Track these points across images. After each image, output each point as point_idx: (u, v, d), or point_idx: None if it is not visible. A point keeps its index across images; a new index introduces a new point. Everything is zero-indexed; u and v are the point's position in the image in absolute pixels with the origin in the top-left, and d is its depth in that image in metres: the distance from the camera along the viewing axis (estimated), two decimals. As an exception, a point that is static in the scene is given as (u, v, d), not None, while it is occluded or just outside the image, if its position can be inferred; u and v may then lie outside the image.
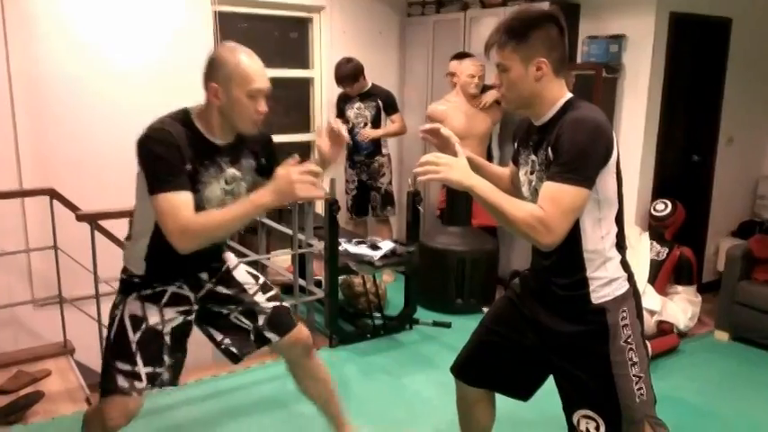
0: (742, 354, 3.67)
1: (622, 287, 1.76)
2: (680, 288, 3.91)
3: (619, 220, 1.76)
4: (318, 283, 3.76)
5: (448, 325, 3.90)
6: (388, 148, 4.78)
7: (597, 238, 1.71)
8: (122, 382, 1.92)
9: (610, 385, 1.74)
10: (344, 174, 4.76)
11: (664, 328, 3.65)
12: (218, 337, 2.16)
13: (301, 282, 3.66)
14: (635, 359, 1.75)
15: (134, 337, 1.95)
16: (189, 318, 2.07)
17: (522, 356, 1.95)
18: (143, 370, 1.95)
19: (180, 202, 1.79)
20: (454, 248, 4.13)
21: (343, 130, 2.18)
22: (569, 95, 1.76)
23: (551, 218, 1.60)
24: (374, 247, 3.67)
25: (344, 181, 4.76)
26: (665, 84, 4.05)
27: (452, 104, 4.29)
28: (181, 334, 2.05)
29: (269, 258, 4.14)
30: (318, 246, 3.61)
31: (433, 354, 3.55)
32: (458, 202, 4.30)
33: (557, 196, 1.61)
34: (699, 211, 4.49)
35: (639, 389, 1.75)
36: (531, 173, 1.79)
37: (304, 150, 5.09)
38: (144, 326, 1.96)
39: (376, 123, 4.60)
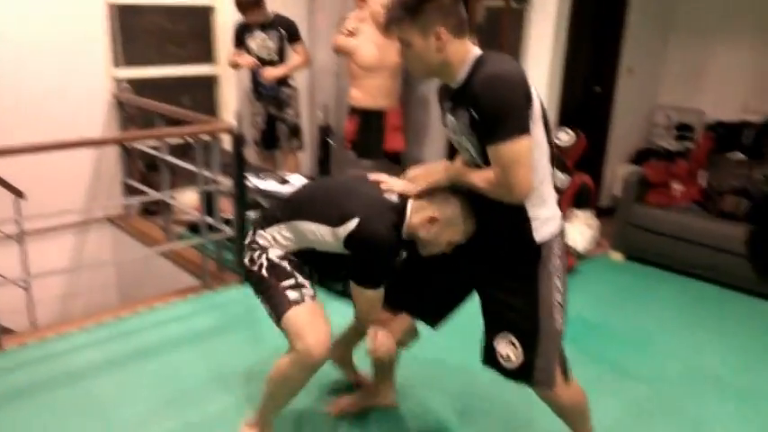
0: (635, 272, 3.92)
1: (557, 224, 1.87)
2: (578, 212, 4.09)
3: (550, 162, 1.82)
4: (228, 221, 3.68)
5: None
6: (296, 80, 4.63)
7: (535, 182, 1.75)
8: (293, 294, 2.01)
9: (534, 309, 1.86)
10: (251, 106, 4.59)
11: (565, 252, 3.83)
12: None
13: (210, 220, 3.56)
14: (560, 287, 1.88)
15: (285, 264, 2.06)
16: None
17: (448, 282, 2.06)
18: (305, 281, 2.05)
19: None
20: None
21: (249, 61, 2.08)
22: (477, 52, 1.78)
23: (504, 178, 1.68)
24: (283, 181, 3.60)
25: (251, 114, 4.59)
26: (571, 15, 4.10)
27: (363, 35, 4.19)
28: None
29: (173, 198, 4.00)
30: (225, 182, 3.50)
31: (346, 286, 3.59)
32: (369, 135, 4.28)
33: (499, 157, 1.68)
34: (598, 139, 4.67)
35: (558, 317, 1.89)
36: (459, 134, 1.82)
37: (205, 85, 4.88)
38: (288, 261, 2.07)
39: (281, 55, 4.43)
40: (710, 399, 2.59)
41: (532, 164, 1.70)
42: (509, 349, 1.90)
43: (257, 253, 2.10)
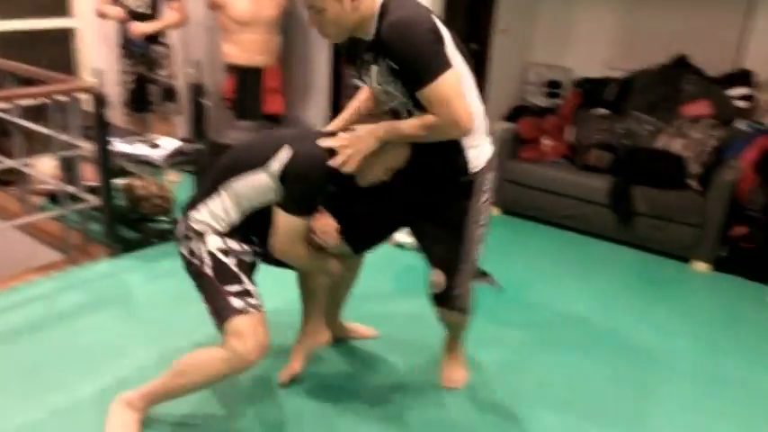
0: (510, 225, 4.10)
1: (489, 151, 2.00)
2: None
3: (472, 90, 1.92)
4: (94, 190, 3.42)
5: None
6: (171, 38, 4.34)
7: None
8: (237, 303, 1.90)
9: (461, 240, 2.01)
10: (118, 63, 4.24)
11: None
12: None
13: (71, 189, 3.30)
14: (484, 222, 2.05)
15: (231, 261, 1.95)
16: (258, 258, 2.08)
17: (382, 213, 2.17)
18: (252, 288, 1.96)
19: None
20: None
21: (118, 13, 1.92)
22: (379, 1, 1.79)
23: (447, 116, 1.72)
24: (154, 145, 3.39)
25: (120, 72, 4.25)
26: (444, -28, 4.12)
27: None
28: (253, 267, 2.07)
29: (28, 165, 3.67)
30: (87, 147, 3.25)
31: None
32: (247, 95, 4.12)
33: (432, 98, 1.72)
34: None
35: (479, 249, 2.08)
36: (385, 83, 1.82)
37: (61, 40, 4.46)
38: (233, 253, 1.97)
39: (154, 9, 4.13)
40: (577, 341, 2.77)
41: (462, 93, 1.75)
42: (434, 278, 2.07)
43: (195, 244, 1.97)
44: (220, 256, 1.96)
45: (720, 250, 3.47)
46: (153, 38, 4.17)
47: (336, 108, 4.43)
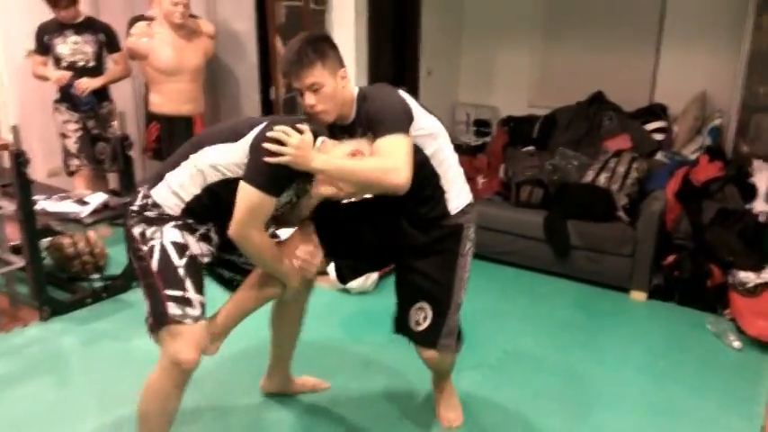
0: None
1: (469, 197, 2.24)
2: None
3: (448, 145, 2.18)
4: (18, 250, 3.23)
5: (178, 276, 3.69)
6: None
7: (440, 164, 2.10)
8: (174, 309, 1.84)
9: (451, 280, 2.17)
10: (61, 115, 4.00)
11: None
12: (227, 274, 2.20)
13: (-9, 251, 3.10)
14: (468, 266, 2.25)
15: (180, 263, 1.89)
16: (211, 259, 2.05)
17: (372, 250, 2.25)
18: (194, 297, 1.88)
19: None
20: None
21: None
22: (356, 88, 2.05)
23: (392, 161, 1.85)
24: (81, 202, 3.24)
25: (62, 122, 4.00)
26: (369, 18, 4.20)
27: (157, 37, 3.91)
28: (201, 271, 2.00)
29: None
30: (8, 206, 3.07)
31: (164, 309, 3.33)
32: (174, 143, 4.00)
33: (388, 144, 1.87)
34: (408, 138, 4.85)
35: (463, 292, 2.24)
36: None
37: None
38: (188, 252, 1.91)
39: (99, 62, 3.99)
40: (528, 378, 2.81)
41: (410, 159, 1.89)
42: (420, 316, 2.19)
43: (150, 227, 1.91)
44: (171, 252, 1.89)
45: (655, 279, 3.62)
46: (100, 92, 4.02)
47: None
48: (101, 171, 4.22)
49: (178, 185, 1.93)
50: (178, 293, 1.86)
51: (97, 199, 3.27)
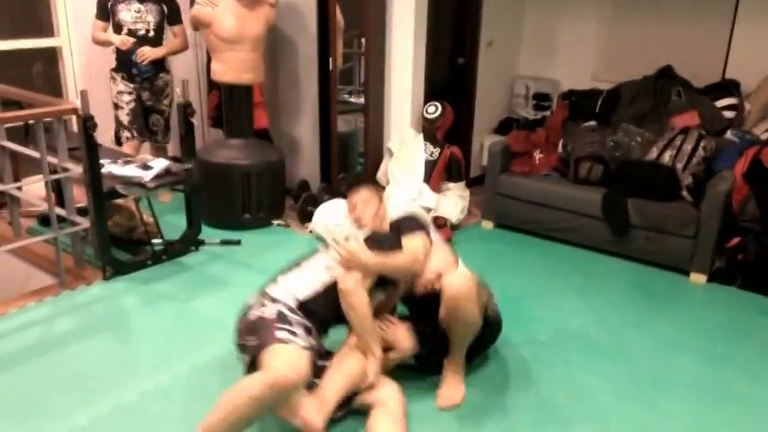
0: (503, 239, 4.10)
1: None
2: (451, 185, 4.20)
3: None
4: (83, 212, 3.37)
5: (237, 242, 3.78)
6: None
7: None
8: (281, 334, 2.13)
9: None
10: (116, 85, 4.08)
11: (439, 223, 3.92)
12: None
13: (60, 211, 3.24)
14: None
15: (290, 315, 2.26)
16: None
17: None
18: (302, 336, 2.17)
19: None
20: (238, 162, 3.95)
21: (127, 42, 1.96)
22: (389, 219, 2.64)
23: (414, 256, 2.39)
24: (145, 167, 3.34)
25: (116, 93, 4.09)
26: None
27: (221, 5, 3.95)
28: None
29: (20, 188, 3.61)
30: (76, 169, 3.19)
31: (222, 273, 3.42)
32: (235, 112, 4.08)
33: (410, 243, 2.41)
34: (465, 111, 4.79)
35: None
36: None
37: (46, 59, 4.39)
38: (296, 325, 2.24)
39: (159, 33, 4.07)
40: (578, 357, 2.77)
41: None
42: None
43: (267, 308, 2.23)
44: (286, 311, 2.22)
45: (718, 261, 3.49)
46: (157, 64, 4.10)
47: (325, 125, 4.42)
48: (153, 142, 4.32)
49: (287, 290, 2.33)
50: (287, 327, 2.13)
51: (160, 164, 3.37)
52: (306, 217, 4.05)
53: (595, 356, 2.77)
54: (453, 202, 4.12)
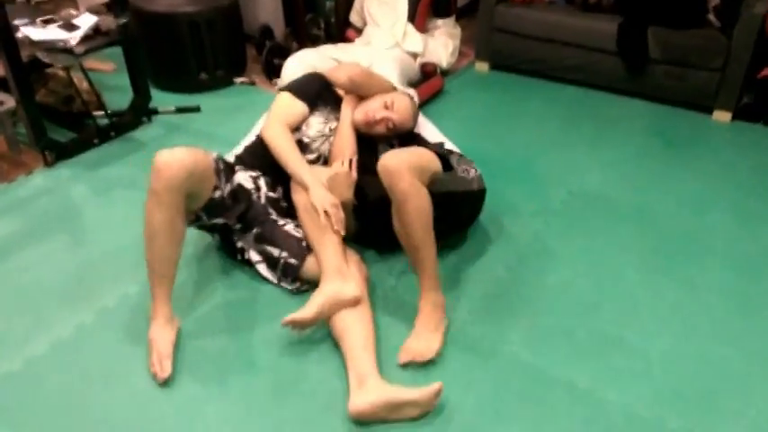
0: (502, 83, 3.60)
1: None
2: (439, 22, 3.60)
3: None
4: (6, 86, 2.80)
5: (196, 108, 3.26)
6: None
7: None
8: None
9: None
10: None
11: (427, 70, 3.40)
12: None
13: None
14: None
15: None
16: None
17: None
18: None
19: None
20: (180, 10, 3.28)
21: None
22: None
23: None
24: (69, 26, 2.73)
25: None
26: None
27: None
28: None
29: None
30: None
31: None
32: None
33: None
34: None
35: None
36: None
37: None
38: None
39: None
40: (599, 224, 2.44)
41: None
42: None
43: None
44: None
45: (746, 97, 3.08)
46: None
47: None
48: None
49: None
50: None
51: (87, 21, 2.75)
52: (273, 71, 3.49)
53: (617, 223, 2.45)
54: (443, 42, 3.56)
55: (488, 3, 3.54)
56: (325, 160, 2.29)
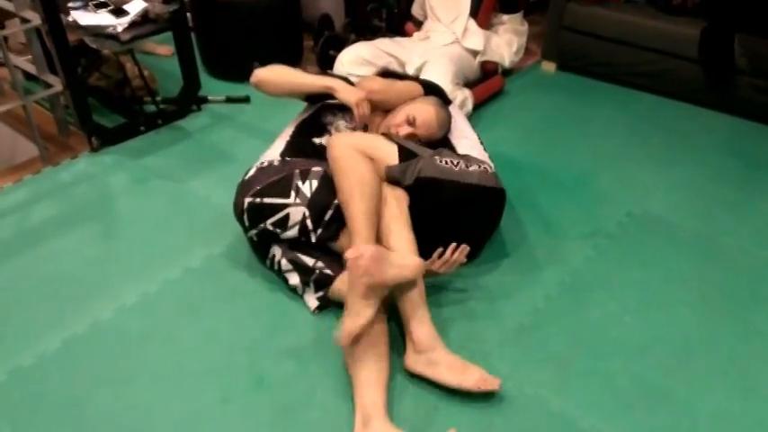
0: (570, 86, 3.35)
1: None
2: (506, 17, 3.38)
3: None
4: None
5: (245, 99, 3.20)
6: None
7: None
8: None
9: None
10: None
11: (488, 69, 3.20)
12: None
13: (31, 70, 2.71)
14: None
15: None
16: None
17: None
18: None
19: None
20: (238, -2, 3.22)
21: None
22: None
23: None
24: (119, 11, 2.70)
25: None
26: None
27: None
28: None
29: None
30: (36, 19, 2.59)
31: (226, 142, 2.88)
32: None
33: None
34: None
35: None
36: None
37: None
38: None
39: None
40: (657, 255, 2.20)
41: None
42: None
43: None
44: None
45: None
46: None
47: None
48: None
49: None
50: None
51: (137, 7, 2.71)
52: (328, 63, 3.38)
53: (679, 253, 2.20)
54: (507, 39, 3.34)
55: (559, -1, 3.29)
56: None
